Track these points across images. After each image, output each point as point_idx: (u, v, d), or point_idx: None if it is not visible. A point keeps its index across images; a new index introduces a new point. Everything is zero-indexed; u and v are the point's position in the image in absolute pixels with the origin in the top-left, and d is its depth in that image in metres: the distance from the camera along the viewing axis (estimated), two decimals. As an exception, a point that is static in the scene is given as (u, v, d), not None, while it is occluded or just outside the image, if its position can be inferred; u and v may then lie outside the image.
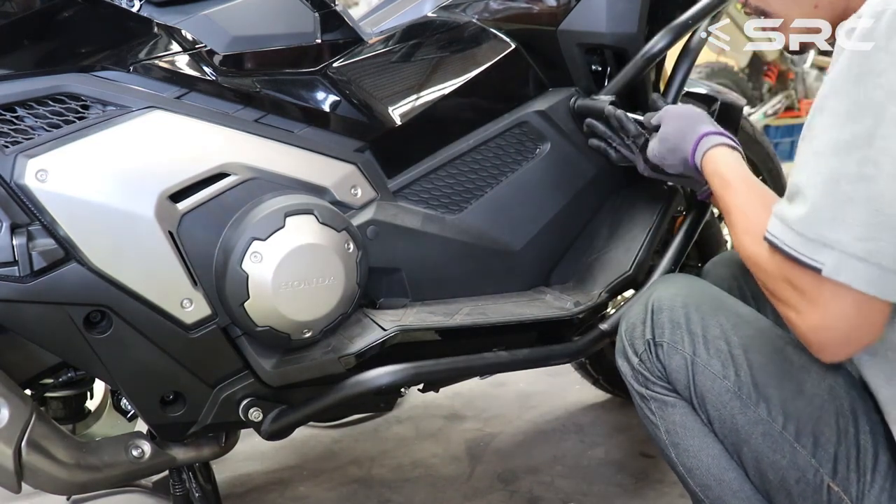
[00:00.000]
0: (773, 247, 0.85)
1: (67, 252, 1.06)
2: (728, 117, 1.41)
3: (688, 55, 1.43)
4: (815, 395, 0.94)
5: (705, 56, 4.77)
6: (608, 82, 1.41)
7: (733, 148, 1.09)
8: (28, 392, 1.15)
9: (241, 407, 1.19)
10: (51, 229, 1.05)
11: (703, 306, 1.02)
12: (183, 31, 1.17)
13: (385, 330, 1.17)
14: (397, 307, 1.29)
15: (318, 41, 1.27)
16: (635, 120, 1.27)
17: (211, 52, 1.18)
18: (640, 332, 1.04)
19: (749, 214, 0.96)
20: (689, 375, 0.99)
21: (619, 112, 1.28)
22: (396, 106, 1.31)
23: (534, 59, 1.40)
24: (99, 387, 1.44)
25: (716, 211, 1.57)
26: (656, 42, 1.35)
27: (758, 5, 1.02)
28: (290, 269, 1.13)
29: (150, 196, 1.09)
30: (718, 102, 1.41)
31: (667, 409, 1.03)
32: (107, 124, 1.09)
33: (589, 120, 1.35)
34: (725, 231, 1.78)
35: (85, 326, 1.08)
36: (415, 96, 1.33)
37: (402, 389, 1.31)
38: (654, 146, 1.21)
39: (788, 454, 0.94)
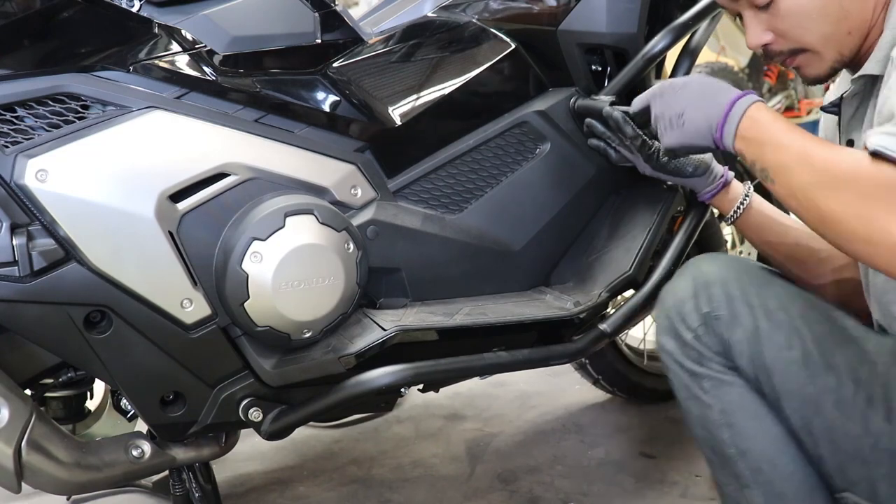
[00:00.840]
0: (884, 158, 0.79)
1: (67, 252, 1.06)
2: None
3: (688, 55, 1.43)
4: (878, 360, 0.92)
5: (705, 56, 4.77)
6: (608, 82, 1.41)
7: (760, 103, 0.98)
8: (28, 392, 1.15)
9: (241, 407, 1.19)
10: (51, 229, 1.05)
11: (755, 279, 0.98)
12: (183, 31, 1.17)
13: (385, 330, 1.17)
14: (397, 307, 1.29)
15: (318, 41, 1.27)
16: (624, 112, 1.25)
17: (211, 52, 1.18)
18: (692, 307, 0.99)
19: (818, 155, 0.87)
20: (752, 348, 0.95)
21: (617, 114, 1.27)
22: (396, 106, 1.31)
23: (534, 59, 1.40)
24: (99, 387, 1.44)
25: (716, 211, 1.57)
26: (656, 42, 1.35)
27: (794, 48, 0.99)
28: (290, 269, 1.13)
29: (150, 196, 1.09)
30: None
31: (723, 387, 0.98)
32: (107, 124, 1.09)
33: (589, 120, 1.34)
34: (726, 231, 1.78)
35: (85, 326, 1.08)
36: (415, 96, 1.33)
37: (402, 389, 1.31)
38: (663, 127, 1.09)
39: (861, 421, 0.91)
